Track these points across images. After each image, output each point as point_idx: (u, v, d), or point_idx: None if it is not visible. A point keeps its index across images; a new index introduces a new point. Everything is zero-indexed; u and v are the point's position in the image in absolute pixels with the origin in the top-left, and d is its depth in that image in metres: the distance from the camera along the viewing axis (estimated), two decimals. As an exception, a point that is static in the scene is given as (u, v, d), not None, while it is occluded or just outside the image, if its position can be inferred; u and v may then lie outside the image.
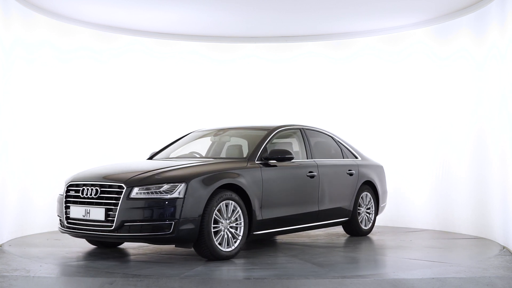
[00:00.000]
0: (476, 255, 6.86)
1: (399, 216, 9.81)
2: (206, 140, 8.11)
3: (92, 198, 6.12)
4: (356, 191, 8.30)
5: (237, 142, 7.79)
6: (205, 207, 6.01)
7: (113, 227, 5.91)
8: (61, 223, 6.50)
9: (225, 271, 5.71)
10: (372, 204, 8.68)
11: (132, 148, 9.95)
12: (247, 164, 6.73)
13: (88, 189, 6.18)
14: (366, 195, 8.56)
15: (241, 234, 6.36)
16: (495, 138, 7.90)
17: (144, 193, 5.91)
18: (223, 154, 7.69)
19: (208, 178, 6.12)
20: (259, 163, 6.86)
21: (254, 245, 7.55)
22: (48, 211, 8.56)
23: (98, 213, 6.03)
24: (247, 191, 6.46)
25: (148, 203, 5.86)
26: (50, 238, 8.08)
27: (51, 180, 8.81)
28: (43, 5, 8.69)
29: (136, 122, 10.28)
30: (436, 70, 9.50)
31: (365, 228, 8.51)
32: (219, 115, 10.58)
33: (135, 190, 5.92)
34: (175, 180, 5.98)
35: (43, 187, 8.71)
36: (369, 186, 8.64)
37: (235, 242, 6.31)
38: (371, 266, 6.28)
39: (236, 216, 6.34)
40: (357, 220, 8.33)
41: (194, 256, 6.50)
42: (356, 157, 8.66)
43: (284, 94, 10.79)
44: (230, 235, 6.26)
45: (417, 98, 9.85)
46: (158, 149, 8.25)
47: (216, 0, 8.61)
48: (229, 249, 6.24)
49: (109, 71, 10.04)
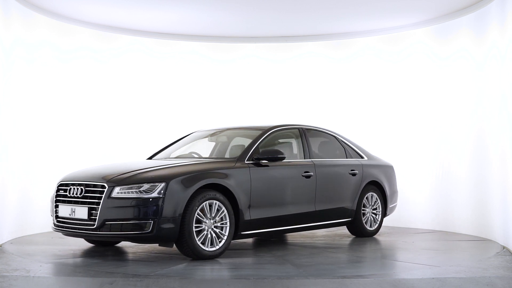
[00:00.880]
0: (476, 255, 6.86)
1: (399, 216, 9.80)
2: (207, 140, 8.12)
3: (78, 198, 6.28)
4: (359, 191, 8.21)
5: (241, 142, 7.79)
6: (186, 206, 6.07)
7: (95, 226, 6.04)
8: (53, 222, 6.67)
9: (209, 270, 5.76)
10: (379, 204, 8.56)
11: (132, 148, 9.95)
12: (236, 164, 6.75)
13: (74, 189, 6.35)
14: (372, 196, 8.45)
15: (226, 234, 6.38)
16: (495, 138, 7.90)
17: (125, 192, 6.02)
18: (227, 154, 7.68)
19: (189, 178, 6.18)
20: (250, 163, 6.87)
21: (245, 245, 7.55)
22: (48, 211, 8.55)
23: (82, 212, 6.18)
24: (233, 191, 6.48)
25: (128, 202, 5.97)
26: (50, 238, 8.08)
27: (51, 180, 8.79)
28: (43, 5, 8.69)
29: (136, 122, 10.28)
30: (436, 70, 9.50)
31: (371, 229, 8.40)
32: (219, 115, 10.58)
33: (116, 189, 6.04)
34: (155, 180, 6.07)
35: (43, 187, 8.71)
36: (376, 187, 8.54)
37: (220, 241, 6.34)
38: (371, 266, 6.28)
39: (222, 216, 6.37)
40: (361, 220, 8.25)
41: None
42: (362, 157, 8.56)
43: (284, 94, 10.79)
44: (214, 235, 6.29)
45: (417, 98, 9.85)
46: (158, 149, 8.28)
47: (216, 0, 8.61)
48: (213, 248, 6.27)
49: (109, 71, 10.04)
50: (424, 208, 9.61)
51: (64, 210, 6.40)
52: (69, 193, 6.38)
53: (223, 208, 6.36)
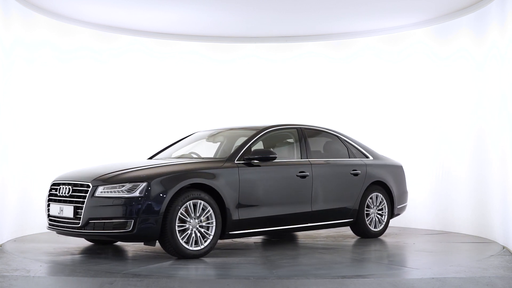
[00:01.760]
0: (476, 255, 6.86)
1: (400, 216, 9.79)
2: (210, 140, 8.11)
3: (66, 197, 6.47)
4: (362, 192, 8.10)
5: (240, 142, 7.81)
6: (168, 206, 6.15)
7: (80, 224, 6.20)
8: (47, 220, 6.84)
9: (193, 269, 5.80)
10: (385, 205, 8.43)
11: (132, 148, 9.95)
12: (224, 164, 6.78)
13: (63, 188, 6.55)
14: (377, 196, 8.33)
15: (211, 233, 6.43)
16: (495, 138, 7.90)
17: (108, 192, 6.15)
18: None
19: (171, 178, 6.25)
20: (240, 163, 6.90)
21: (241, 245, 7.56)
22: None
23: (68, 211, 6.37)
24: (219, 190, 6.52)
25: (110, 202, 6.11)
26: (50, 238, 8.08)
27: (51, 180, 8.79)
28: (43, 5, 8.69)
29: (136, 122, 10.28)
30: (436, 70, 9.50)
31: (375, 230, 8.27)
32: (219, 115, 10.58)
33: (100, 189, 6.18)
34: (136, 179, 6.18)
35: (43, 187, 8.68)
36: (381, 187, 8.42)
37: (205, 241, 6.39)
38: (371, 266, 6.28)
39: (207, 216, 6.42)
40: (364, 221, 8.13)
41: (217, 257, 6.49)
42: (367, 157, 8.44)
43: (284, 94, 10.79)
44: (199, 234, 6.34)
45: (417, 98, 9.85)
46: (159, 149, 8.29)
47: (216, 0, 8.61)
48: (197, 248, 6.32)
49: (109, 71, 10.04)
50: (424, 208, 9.60)
51: (54, 209, 6.59)
52: (59, 193, 6.58)
53: (209, 207, 6.42)
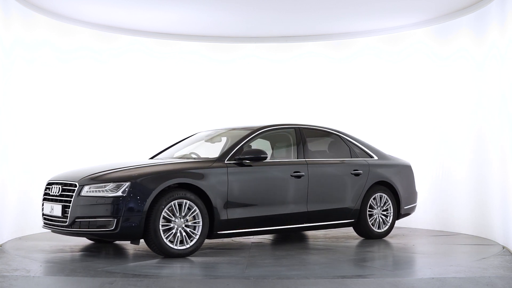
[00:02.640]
0: (476, 255, 6.86)
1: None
2: (213, 140, 8.11)
3: (56, 196, 6.64)
4: (363, 192, 7.98)
5: (254, 142, 7.84)
6: (152, 205, 6.23)
7: (67, 223, 6.36)
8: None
9: (178, 269, 5.85)
10: (390, 205, 8.30)
11: (132, 149, 9.95)
12: (213, 164, 6.83)
13: (54, 187, 6.72)
14: (381, 196, 8.20)
15: (198, 233, 6.47)
16: (495, 138, 7.90)
17: (93, 191, 6.29)
18: None
19: (154, 178, 6.34)
20: (231, 163, 6.93)
21: (225, 244, 7.56)
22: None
23: (57, 210, 6.53)
24: (205, 190, 6.56)
25: (94, 201, 6.24)
26: (50, 238, 8.08)
27: (51, 180, 8.81)
28: (43, 5, 8.69)
29: (136, 122, 10.28)
30: (436, 70, 9.50)
31: (378, 230, 8.13)
32: (220, 115, 10.58)
33: (85, 188, 6.33)
34: (120, 179, 6.30)
35: (43, 187, 8.70)
36: (386, 187, 8.29)
37: (191, 240, 6.44)
38: (371, 266, 6.28)
39: (194, 215, 6.47)
40: (367, 222, 8.01)
41: (193, 256, 6.51)
42: (371, 157, 8.32)
43: (284, 94, 10.79)
44: (184, 234, 6.40)
45: (417, 98, 9.85)
46: (162, 149, 8.32)
47: (216, 0, 8.61)
48: (183, 247, 6.38)
49: (109, 71, 10.04)
50: (424, 208, 9.60)
51: (47, 208, 6.75)
52: (51, 192, 6.74)
53: (195, 207, 6.47)
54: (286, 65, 10.84)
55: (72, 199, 6.35)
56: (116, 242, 7.47)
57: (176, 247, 6.34)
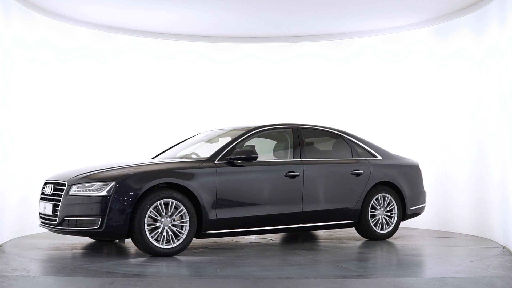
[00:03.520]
0: (476, 255, 6.86)
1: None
2: (217, 140, 8.12)
3: (49, 195, 6.81)
4: (364, 192, 7.88)
5: (251, 142, 7.85)
6: (137, 204, 6.35)
7: (57, 222, 6.54)
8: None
9: (164, 267, 5.90)
10: (395, 206, 8.17)
11: (132, 149, 9.96)
12: (202, 164, 6.89)
13: (48, 187, 6.90)
14: (385, 197, 8.08)
15: (185, 232, 6.55)
16: (495, 137, 7.91)
17: (80, 190, 6.46)
18: None
19: (139, 178, 6.46)
20: (221, 163, 6.97)
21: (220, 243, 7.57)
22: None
23: (49, 209, 6.72)
24: (192, 190, 6.63)
25: (81, 200, 6.41)
26: (50, 238, 8.08)
27: (51, 180, 8.81)
28: (43, 5, 8.69)
29: (137, 123, 10.28)
30: (436, 70, 9.51)
31: (381, 231, 8.01)
32: (220, 115, 10.58)
33: (74, 187, 6.50)
34: (106, 179, 6.44)
35: (43, 187, 8.72)
36: (390, 187, 8.18)
37: (178, 240, 6.51)
38: (371, 266, 6.29)
39: (181, 214, 6.55)
40: (368, 223, 7.91)
41: (193, 255, 6.51)
42: (374, 157, 8.21)
43: (284, 94, 10.79)
44: (171, 233, 6.48)
45: (417, 98, 9.86)
46: (164, 149, 8.36)
47: (216, 0, 8.61)
48: (169, 246, 6.47)
49: (109, 71, 10.04)
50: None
51: (41, 207, 6.94)
52: (45, 191, 6.92)
53: (182, 207, 6.54)
54: (286, 65, 10.84)
55: (61, 198, 6.53)
56: (116, 241, 7.48)
57: (162, 246, 6.43)
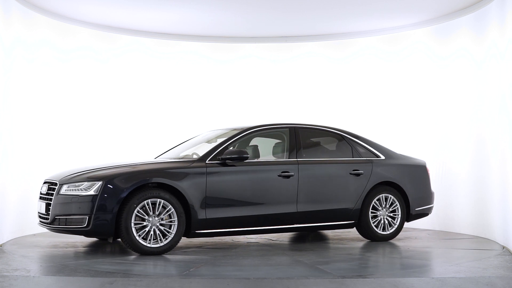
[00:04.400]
0: (476, 255, 6.86)
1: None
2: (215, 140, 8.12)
3: (44, 194, 6.97)
4: (364, 192, 7.78)
5: (254, 142, 7.92)
6: (124, 204, 6.48)
7: (49, 220, 6.71)
8: None
9: (151, 267, 5.94)
10: (398, 207, 8.01)
11: (132, 149, 9.95)
12: (192, 164, 6.95)
13: (44, 186, 7.06)
14: (387, 197, 7.94)
15: (173, 231, 6.63)
16: (495, 137, 7.91)
17: (70, 190, 6.62)
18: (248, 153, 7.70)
19: (126, 178, 6.58)
20: (212, 163, 7.03)
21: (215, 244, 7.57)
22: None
23: (43, 207, 6.89)
24: (180, 190, 6.71)
25: (70, 199, 6.58)
26: (50, 238, 8.08)
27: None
28: (43, 5, 8.69)
29: (137, 123, 10.28)
30: (436, 70, 9.51)
31: (383, 233, 7.88)
32: (220, 115, 10.58)
33: (64, 187, 6.67)
34: (94, 179, 6.60)
35: (43, 187, 8.72)
36: (394, 187, 8.03)
37: (165, 239, 6.60)
38: (371, 266, 6.29)
39: (170, 214, 6.64)
40: (369, 223, 7.80)
41: (182, 254, 6.51)
42: (377, 156, 8.08)
43: (284, 94, 10.79)
44: (158, 232, 6.58)
45: (417, 97, 9.85)
46: (168, 148, 8.40)
47: (216, 0, 8.61)
48: (156, 245, 6.56)
49: (109, 71, 10.04)
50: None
51: (38, 206, 7.10)
52: (42, 190, 7.08)
53: (170, 206, 6.63)
54: (286, 65, 10.84)
55: (53, 198, 6.69)
56: (118, 241, 7.49)
57: (149, 245, 6.53)
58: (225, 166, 7.07)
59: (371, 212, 7.85)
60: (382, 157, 8.14)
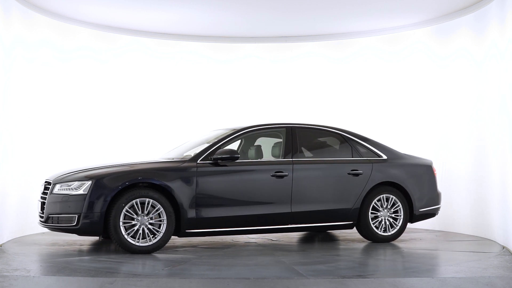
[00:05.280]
0: (476, 255, 6.86)
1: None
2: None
3: (42, 194, 7.11)
4: (364, 193, 7.66)
5: (257, 142, 7.96)
6: (112, 203, 6.60)
7: (43, 219, 6.88)
8: None
9: (140, 266, 5.99)
10: (400, 207, 7.85)
11: (132, 149, 9.95)
12: (182, 164, 7.03)
13: (42, 186, 7.20)
14: (389, 198, 7.80)
15: (162, 230, 6.71)
16: (495, 137, 7.91)
17: (62, 189, 6.77)
18: (257, 154, 7.73)
19: (115, 177, 6.70)
20: (204, 163, 7.08)
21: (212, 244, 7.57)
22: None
23: (40, 206, 7.07)
24: (169, 189, 6.79)
25: (61, 198, 6.73)
26: (50, 238, 8.08)
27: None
28: (43, 5, 8.69)
29: (137, 123, 10.28)
30: (436, 70, 9.51)
31: (384, 234, 7.74)
32: (220, 115, 10.58)
33: (57, 186, 6.83)
34: (84, 178, 6.73)
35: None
36: (396, 188, 7.89)
37: (154, 238, 6.70)
38: (371, 266, 6.29)
39: (159, 213, 6.73)
40: (369, 224, 7.68)
41: (172, 254, 6.54)
42: (379, 156, 7.94)
43: (284, 94, 10.79)
44: (147, 231, 6.67)
45: (417, 98, 9.85)
46: (172, 148, 8.44)
47: (216, 0, 8.61)
48: (145, 244, 6.65)
49: (109, 71, 10.04)
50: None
51: (37, 205, 7.22)
52: (41, 190, 7.22)
53: (159, 205, 6.71)
54: (286, 65, 10.84)
55: (47, 197, 6.86)
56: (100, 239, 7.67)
57: (137, 244, 6.63)
58: (217, 166, 7.12)
59: (372, 213, 7.74)
60: (384, 157, 8.00)
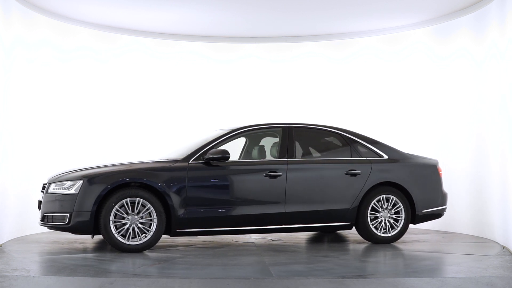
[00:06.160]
0: (476, 255, 6.87)
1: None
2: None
3: (41, 193, 7.27)
4: (362, 193, 7.52)
5: (261, 142, 7.95)
6: (103, 202, 6.72)
7: (40, 217, 7.04)
8: None
9: (130, 265, 6.03)
10: (401, 208, 7.68)
11: (132, 149, 9.95)
12: (174, 164, 7.09)
13: (42, 186, 7.33)
14: (389, 198, 7.64)
15: (152, 229, 6.79)
16: (495, 137, 7.91)
17: (56, 189, 6.93)
18: (262, 155, 7.77)
19: (105, 177, 6.83)
20: (196, 163, 7.13)
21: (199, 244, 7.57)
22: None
23: (38, 206, 7.24)
24: (159, 189, 6.86)
25: (54, 198, 6.90)
26: (50, 238, 8.08)
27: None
28: (43, 5, 8.69)
29: (137, 123, 10.28)
30: (436, 70, 9.51)
31: (384, 235, 7.59)
32: (220, 115, 10.58)
33: (52, 186, 7.00)
34: (75, 178, 6.88)
35: (43, 187, 8.71)
36: (397, 188, 7.73)
37: (144, 236, 6.79)
38: (371, 266, 6.29)
39: (149, 212, 6.82)
40: (367, 225, 7.54)
41: (163, 253, 6.54)
42: (379, 156, 7.80)
43: (284, 94, 10.79)
44: (137, 230, 6.78)
45: (417, 98, 9.86)
46: (175, 148, 8.40)
47: (216, 0, 8.62)
48: (136, 242, 6.76)
49: (109, 71, 10.04)
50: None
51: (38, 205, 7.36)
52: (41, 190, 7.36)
53: (149, 205, 6.80)
54: (286, 65, 10.84)
55: (43, 196, 7.05)
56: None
57: (127, 242, 6.73)
58: (209, 166, 7.14)
59: (371, 214, 7.60)
60: (385, 157, 7.86)
